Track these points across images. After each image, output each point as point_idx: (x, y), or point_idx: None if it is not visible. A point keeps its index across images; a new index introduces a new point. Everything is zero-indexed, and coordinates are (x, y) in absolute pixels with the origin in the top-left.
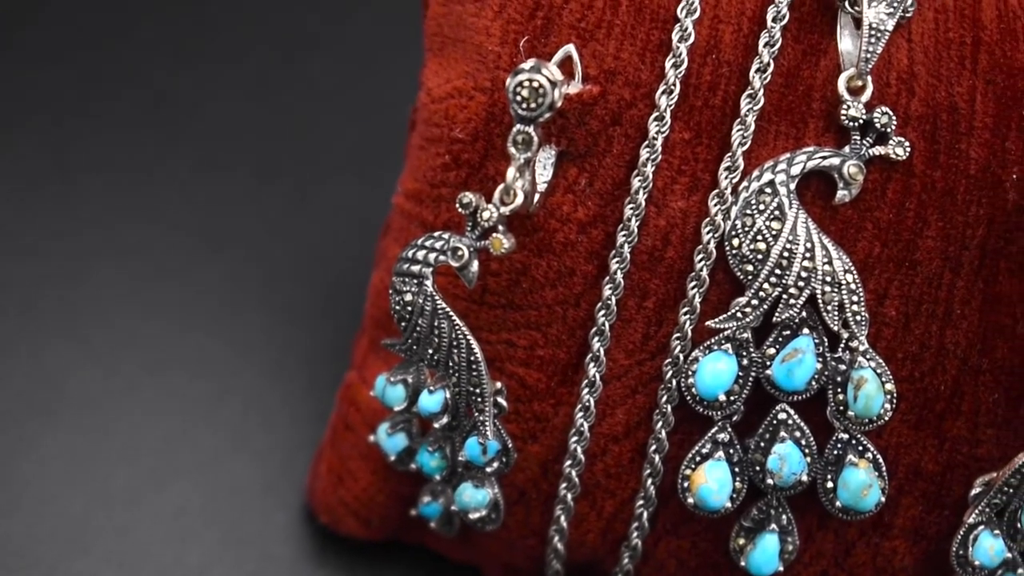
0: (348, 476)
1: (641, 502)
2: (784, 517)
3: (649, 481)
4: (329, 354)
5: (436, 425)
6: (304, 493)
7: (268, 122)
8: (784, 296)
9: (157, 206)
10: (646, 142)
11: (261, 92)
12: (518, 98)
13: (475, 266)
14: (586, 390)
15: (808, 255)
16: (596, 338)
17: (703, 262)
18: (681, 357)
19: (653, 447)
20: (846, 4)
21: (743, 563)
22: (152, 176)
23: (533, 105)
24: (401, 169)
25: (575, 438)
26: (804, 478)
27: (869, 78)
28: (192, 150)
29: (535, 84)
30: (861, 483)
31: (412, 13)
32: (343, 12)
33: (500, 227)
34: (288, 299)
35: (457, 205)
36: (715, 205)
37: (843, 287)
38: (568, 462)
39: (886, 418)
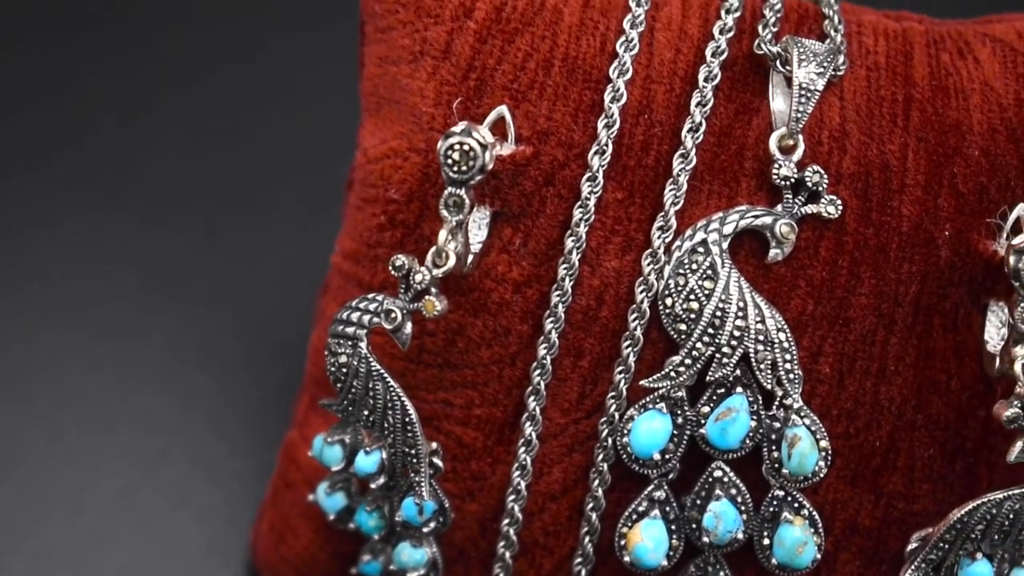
0: (290, 534)
1: (579, 560)
2: (721, 574)
3: (587, 539)
4: (273, 411)
5: (373, 486)
6: (248, 551)
7: (214, 178)
8: (717, 355)
9: (101, 262)
10: (579, 202)
11: (207, 148)
12: (449, 161)
13: (408, 328)
14: (522, 449)
15: (741, 314)
16: (532, 397)
17: (637, 321)
18: (616, 416)
19: (590, 505)
20: (778, 63)
21: None
22: (96, 232)
23: (464, 168)
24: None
25: (512, 496)
26: (740, 535)
27: (800, 137)
28: (137, 206)
29: (466, 147)
30: (796, 540)
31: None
32: (290, 69)
33: (433, 289)
34: (232, 356)
35: (390, 268)
36: (648, 265)
37: (776, 345)
38: (506, 520)
39: (821, 475)
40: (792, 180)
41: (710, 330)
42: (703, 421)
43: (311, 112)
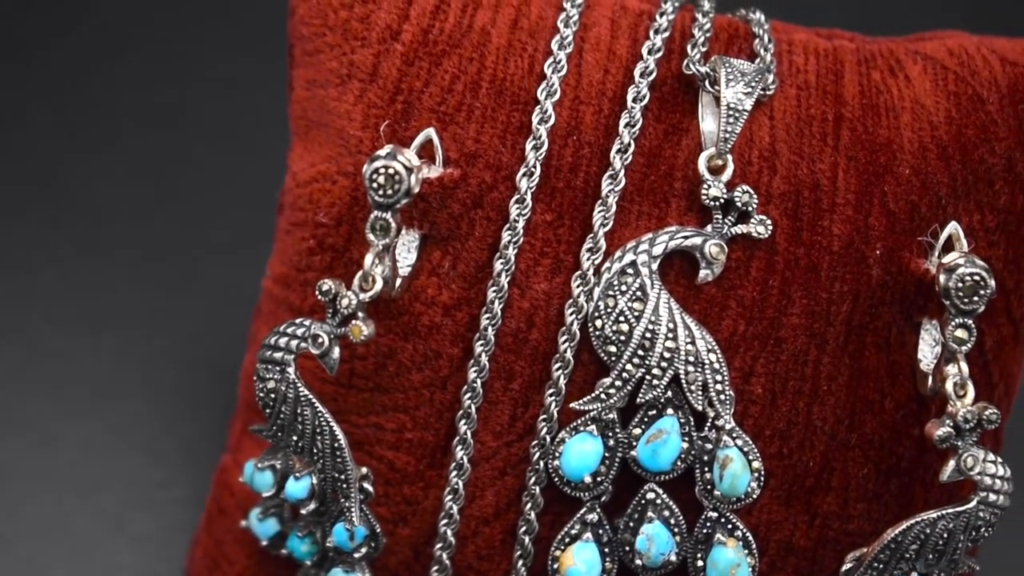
0: (224, 560)
1: None
2: None
3: (520, 563)
4: (211, 437)
5: (304, 511)
6: None
7: (151, 204)
8: (648, 377)
9: (37, 287)
10: (508, 224)
11: (144, 174)
12: (374, 185)
13: (336, 353)
14: (454, 473)
15: (671, 335)
16: (463, 421)
17: (567, 344)
18: (548, 439)
19: (523, 528)
20: (707, 83)
21: None
22: (33, 258)
23: (389, 192)
24: None
25: (445, 521)
26: (673, 557)
27: (729, 157)
28: (74, 231)
29: (391, 171)
30: (730, 562)
31: None
32: (229, 93)
33: (360, 314)
34: (170, 381)
35: (317, 292)
36: (578, 287)
37: (706, 366)
38: (439, 545)
39: (754, 496)
40: (722, 200)
41: (640, 352)
42: (634, 443)
43: (248, 136)
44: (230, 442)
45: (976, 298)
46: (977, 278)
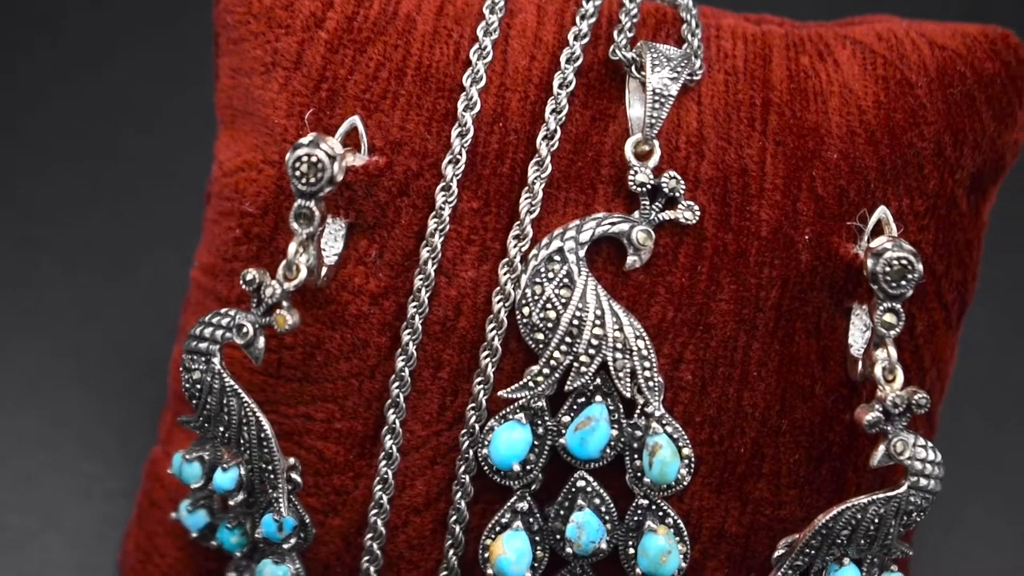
0: (155, 553)
1: (444, 573)
2: None
3: (451, 552)
4: (146, 429)
5: (232, 502)
6: (117, 571)
7: (84, 196)
8: (575, 364)
9: None
10: (434, 212)
11: (76, 165)
12: (297, 173)
13: (261, 343)
14: (383, 462)
15: (598, 322)
16: (391, 410)
17: (495, 331)
18: (477, 427)
19: (453, 518)
20: (633, 69)
21: None
22: None
23: (312, 180)
24: None
25: (375, 511)
26: (603, 545)
27: (656, 143)
28: (5, 225)
29: (314, 159)
30: (660, 549)
31: None
32: (159, 83)
33: (284, 303)
34: (104, 373)
35: (241, 282)
36: (505, 274)
37: (634, 353)
38: (369, 535)
39: (684, 483)
40: (649, 186)
41: (567, 339)
42: (563, 431)
43: (180, 127)
44: (161, 434)
45: (904, 282)
46: (905, 262)
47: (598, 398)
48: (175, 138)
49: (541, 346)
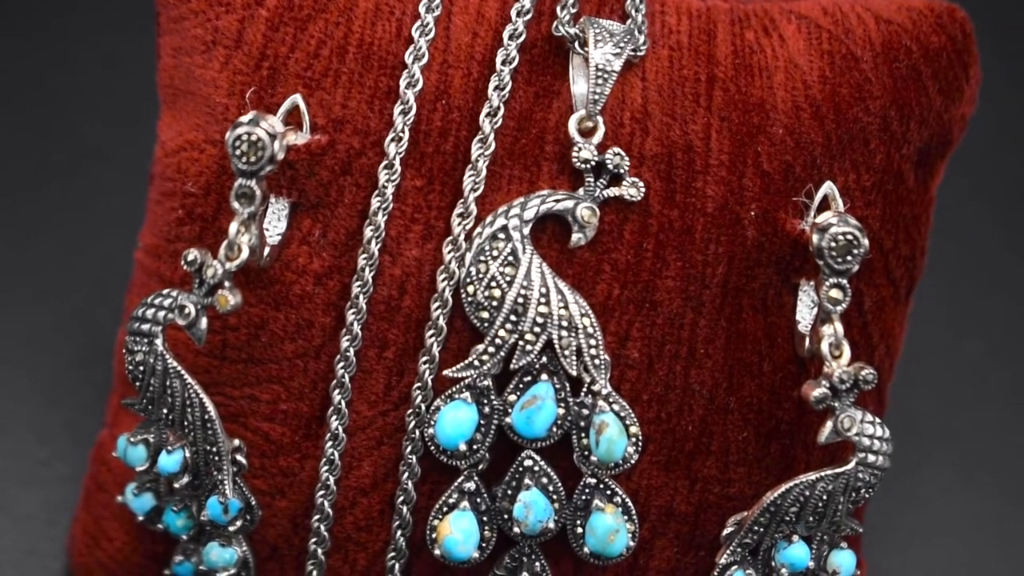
0: (103, 537)
1: (392, 554)
2: (537, 564)
3: (399, 533)
4: (93, 413)
5: (177, 485)
6: (66, 556)
7: (34, 178)
8: (521, 342)
9: None
10: (377, 191)
11: (25, 146)
12: (237, 152)
13: (203, 324)
14: (330, 443)
15: (543, 300)
16: (337, 390)
17: (440, 310)
18: (423, 407)
19: (401, 498)
20: (576, 45)
21: None
22: None
23: (253, 159)
24: None
25: (322, 492)
26: (551, 525)
27: (600, 119)
28: None
29: (254, 138)
30: (608, 528)
31: None
32: (112, 67)
33: (226, 283)
34: (54, 356)
35: (182, 263)
36: (449, 252)
37: (580, 331)
38: (316, 516)
39: (632, 461)
40: (593, 163)
41: (512, 317)
42: (510, 410)
43: (128, 109)
44: (107, 417)
45: (850, 257)
46: (850, 237)
47: (544, 376)
48: (122, 119)
49: (486, 325)
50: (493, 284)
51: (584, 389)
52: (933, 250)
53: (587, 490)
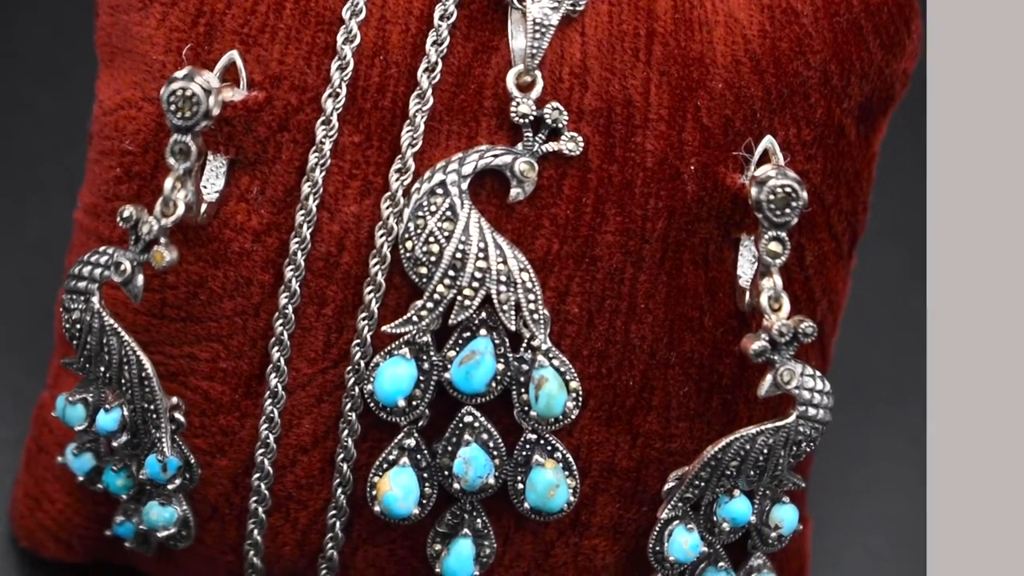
0: (45, 499)
1: (333, 512)
2: (479, 521)
3: (339, 491)
4: (36, 376)
5: (115, 444)
6: (7, 519)
7: None
8: (459, 297)
9: None
10: (314, 147)
11: None
12: (172, 107)
13: (140, 281)
14: (269, 401)
15: (482, 255)
16: (276, 348)
17: (378, 267)
18: (362, 364)
19: (341, 456)
20: (515, 0)
21: (438, 569)
22: None
23: (188, 114)
24: None
25: (262, 450)
26: (491, 480)
27: (538, 73)
28: None
29: (188, 92)
30: (548, 483)
31: None
32: (51, 25)
33: (162, 239)
34: None
35: (118, 219)
36: (387, 208)
37: (519, 286)
38: (257, 475)
39: (572, 416)
40: (531, 118)
41: (451, 272)
42: (449, 366)
43: (73, 71)
44: (49, 379)
45: (788, 210)
46: (788, 190)
47: (483, 332)
48: (68, 83)
49: (425, 280)
50: (431, 240)
51: (524, 344)
52: (876, 205)
53: (527, 446)
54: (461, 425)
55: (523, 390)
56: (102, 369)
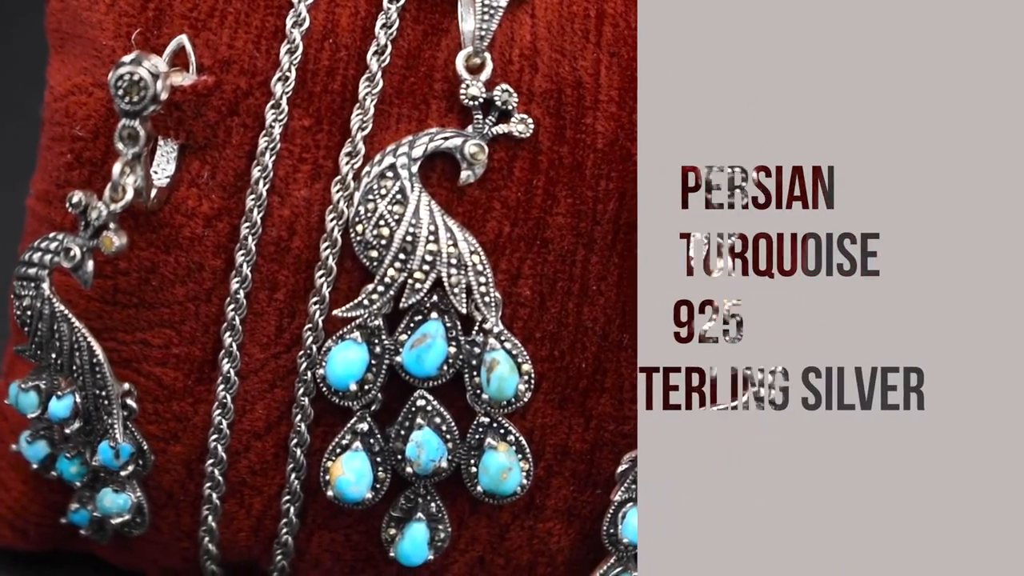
0: (0, 487)
1: (287, 498)
2: (433, 505)
3: (293, 476)
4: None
5: (68, 431)
6: None
7: None
8: (410, 281)
9: None
10: (264, 131)
11: None
12: (120, 92)
13: (90, 266)
14: (222, 387)
15: (432, 238)
16: (228, 333)
17: (329, 251)
18: (314, 348)
19: (295, 441)
20: None
21: (393, 553)
22: None
23: (135, 99)
24: None
25: (215, 436)
26: (444, 464)
27: (488, 55)
28: None
29: (136, 77)
30: (501, 466)
31: None
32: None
33: (112, 225)
34: None
35: (67, 205)
36: (337, 192)
37: (470, 269)
38: (210, 461)
39: (524, 399)
40: (481, 100)
41: (401, 255)
42: (401, 349)
43: (29, 59)
44: (4, 367)
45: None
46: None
47: (434, 315)
48: (25, 71)
49: (375, 264)
50: (382, 223)
51: (475, 327)
52: None
53: (480, 429)
54: (414, 409)
55: (475, 373)
56: (53, 356)
